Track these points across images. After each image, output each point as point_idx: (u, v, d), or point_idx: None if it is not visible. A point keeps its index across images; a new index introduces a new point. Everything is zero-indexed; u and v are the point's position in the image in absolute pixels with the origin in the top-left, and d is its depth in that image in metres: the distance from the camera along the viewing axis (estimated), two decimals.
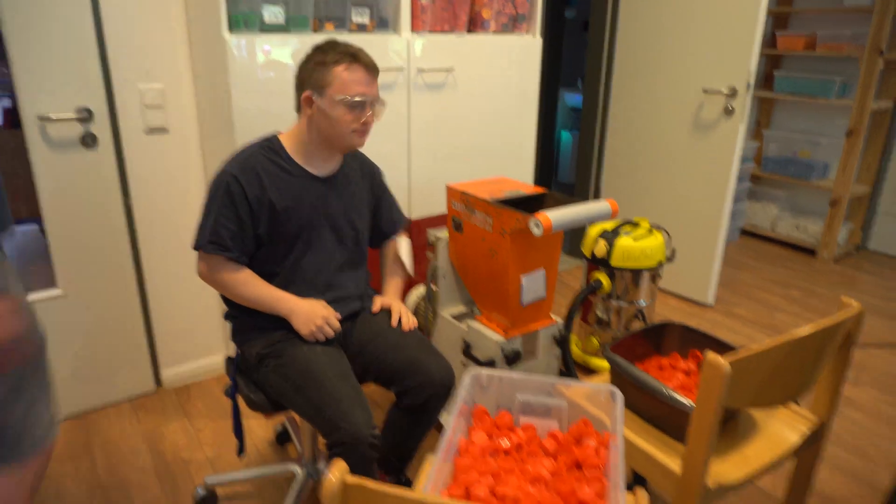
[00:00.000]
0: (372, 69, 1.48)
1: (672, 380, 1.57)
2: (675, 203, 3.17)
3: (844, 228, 3.78)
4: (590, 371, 2.50)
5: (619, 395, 1.08)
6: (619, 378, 1.54)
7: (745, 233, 4.24)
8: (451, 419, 1.03)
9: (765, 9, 2.71)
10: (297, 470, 1.80)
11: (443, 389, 1.50)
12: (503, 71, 2.40)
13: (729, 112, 2.88)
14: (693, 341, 1.66)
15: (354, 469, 1.31)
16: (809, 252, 3.89)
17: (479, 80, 2.34)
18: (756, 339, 2.80)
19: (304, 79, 1.47)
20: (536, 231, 1.60)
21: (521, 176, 2.61)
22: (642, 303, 2.38)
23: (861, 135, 3.53)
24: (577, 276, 3.53)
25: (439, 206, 2.37)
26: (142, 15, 1.99)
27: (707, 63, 2.93)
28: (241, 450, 1.68)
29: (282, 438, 2.09)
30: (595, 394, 1.11)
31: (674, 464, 1.30)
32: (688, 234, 3.13)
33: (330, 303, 1.56)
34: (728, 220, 3.00)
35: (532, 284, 1.83)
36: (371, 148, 2.12)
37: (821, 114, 3.92)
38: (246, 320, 1.55)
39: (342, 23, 2.00)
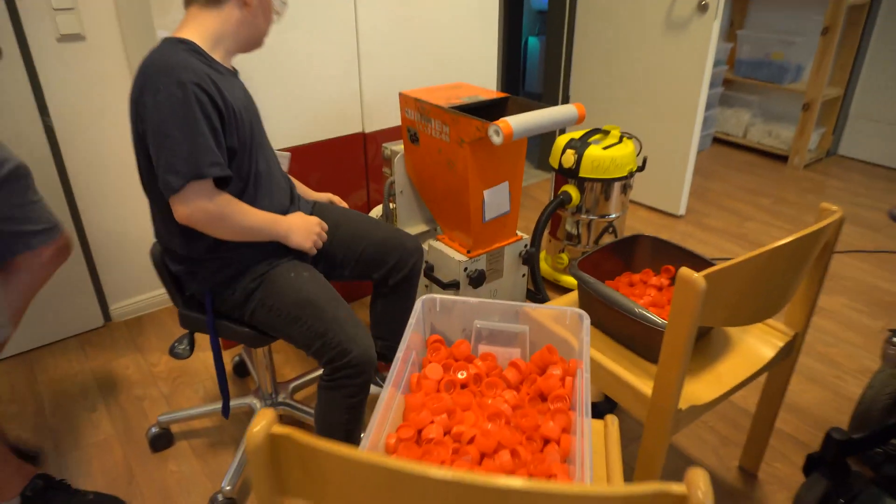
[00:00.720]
0: None
1: (644, 297, 1.49)
2: (646, 110, 3.03)
3: (816, 133, 3.70)
4: (560, 289, 2.43)
5: (586, 318, 0.98)
6: (588, 297, 1.45)
7: (717, 140, 4.14)
8: (401, 351, 0.93)
9: None
10: (256, 403, 1.72)
11: (420, 256, 1.56)
12: None
13: (703, 8, 2.69)
14: (665, 255, 1.57)
15: (357, 391, 1.30)
16: (781, 159, 3.81)
17: None
18: (727, 249, 2.76)
19: None
20: (496, 139, 1.45)
21: (483, 84, 2.42)
22: (613, 215, 2.28)
23: (837, 32, 3.37)
24: (546, 190, 3.41)
25: (395, 118, 2.19)
26: None
27: None
28: (226, 410, 1.54)
29: (240, 370, 2.00)
30: (560, 316, 1.01)
31: (645, 386, 1.23)
32: (659, 143, 3.01)
33: (292, 208, 1.46)
34: (700, 127, 2.88)
35: (495, 199, 1.70)
36: (316, 56, 1.91)
37: (796, 10, 3.73)
38: (215, 264, 1.36)
39: None
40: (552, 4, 3.28)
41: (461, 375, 0.98)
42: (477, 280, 1.70)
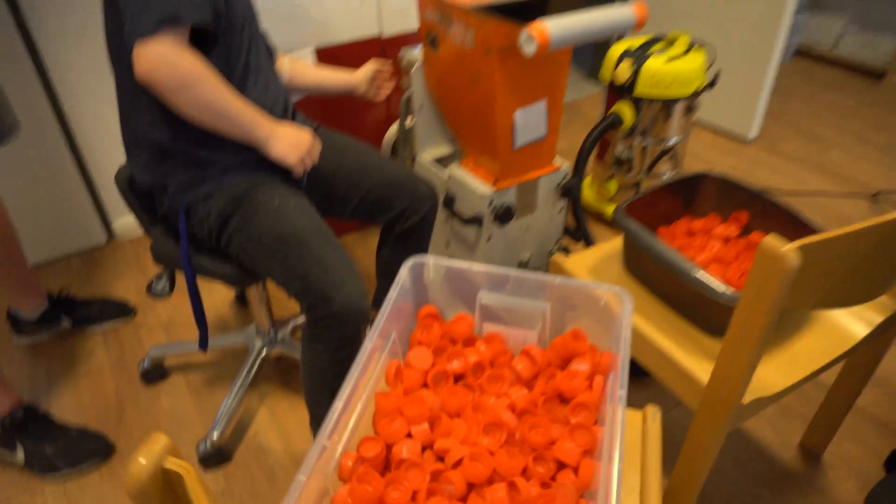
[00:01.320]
0: None
1: (705, 250, 1.21)
2: (717, 10, 2.57)
3: None
4: (606, 222, 2.15)
5: (629, 300, 0.73)
6: (634, 250, 1.18)
7: (800, 53, 3.60)
8: (374, 330, 0.70)
9: None
10: (255, 341, 1.55)
11: (434, 203, 1.36)
12: None
13: None
14: (737, 198, 1.27)
15: (342, 345, 1.10)
16: (876, 76, 3.29)
17: None
18: (803, 180, 2.39)
19: None
20: (528, 49, 1.15)
21: None
22: (673, 140, 1.95)
23: None
24: (597, 105, 3.03)
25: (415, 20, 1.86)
26: None
27: None
28: (203, 343, 1.34)
29: (243, 298, 1.84)
30: (593, 293, 0.76)
31: (699, 369, 0.98)
32: (732, 52, 2.57)
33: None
34: (786, 34, 2.43)
35: (529, 120, 1.41)
36: None
37: None
38: (188, 173, 1.13)
39: None
40: None
41: (454, 366, 0.75)
42: (503, 217, 1.45)
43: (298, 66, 1.42)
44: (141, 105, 1.08)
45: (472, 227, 1.50)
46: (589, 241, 1.77)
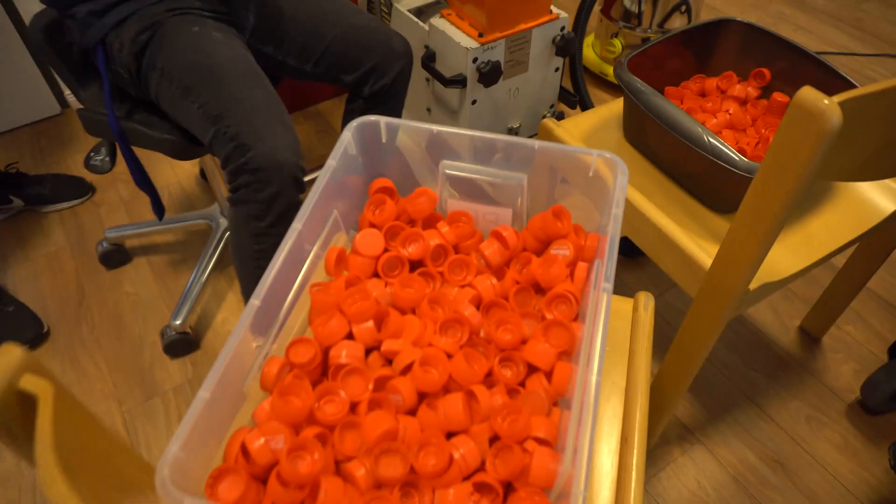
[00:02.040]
0: None
1: (718, 114, 1.05)
2: None
3: None
4: (609, 86, 1.94)
5: (623, 169, 0.59)
6: (635, 112, 1.02)
7: None
8: (307, 206, 0.57)
9: None
10: (218, 217, 1.43)
11: (409, 59, 1.16)
12: None
13: None
14: (761, 51, 1.08)
15: (263, 212, 0.92)
16: None
17: None
18: (833, 39, 2.14)
19: None
20: None
21: None
22: None
23: None
24: None
25: None
26: None
27: None
28: (157, 209, 1.17)
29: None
30: (580, 161, 0.62)
31: (701, 252, 0.86)
32: None
33: None
34: None
35: None
36: None
37: None
38: None
39: None
40: None
41: (411, 250, 0.63)
42: (489, 75, 1.26)
43: None
44: None
45: (454, 88, 1.32)
46: (587, 106, 1.59)
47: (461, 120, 1.37)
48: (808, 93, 0.59)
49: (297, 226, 0.55)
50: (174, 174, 1.69)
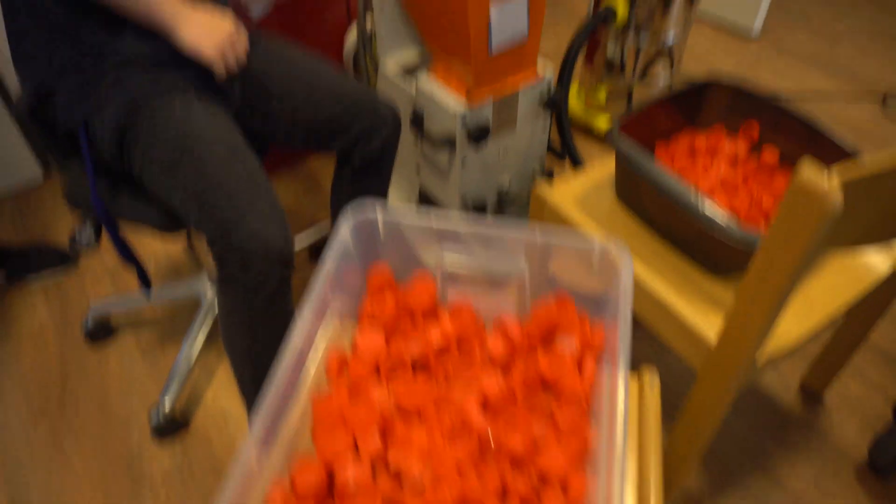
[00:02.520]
0: None
1: (710, 172, 1.04)
2: None
3: None
4: (594, 137, 1.95)
5: (628, 260, 0.57)
6: (628, 177, 1.02)
7: None
8: (308, 300, 0.54)
9: None
10: (206, 289, 1.40)
11: (397, 125, 1.15)
12: None
13: None
14: (747, 108, 1.09)
15: (249, 299, 0.89)
16: None
17: None
18: (811, 81, 2.18)
19: None
20: None
21: None
22: (671, 39, 1.72)
23: None
24: None
25: None
26: None
27: None
28: (144, 282, 1.15)
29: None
30: (583, 248, 0.60)
31: (705, 322, 0.84)
32: None
33: None
34: None
35: (506, 18, 1.19)
36: None
37: None
38: (74, 56, 0.90)
39: None
40: None
41: (413, 349, 0.60)
42: (479, 137, 1.26)
43: None
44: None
45: (443, 149, 1.31)
46: (577, 162, 1.59)
47: (451, 180, 1.36)
48: (808, 173, 0.59)
49: (301, 324, 0.53)
50: (160, 242, 1.66)
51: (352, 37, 1.55)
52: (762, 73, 2.22)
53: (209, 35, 0.90)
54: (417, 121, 1.34)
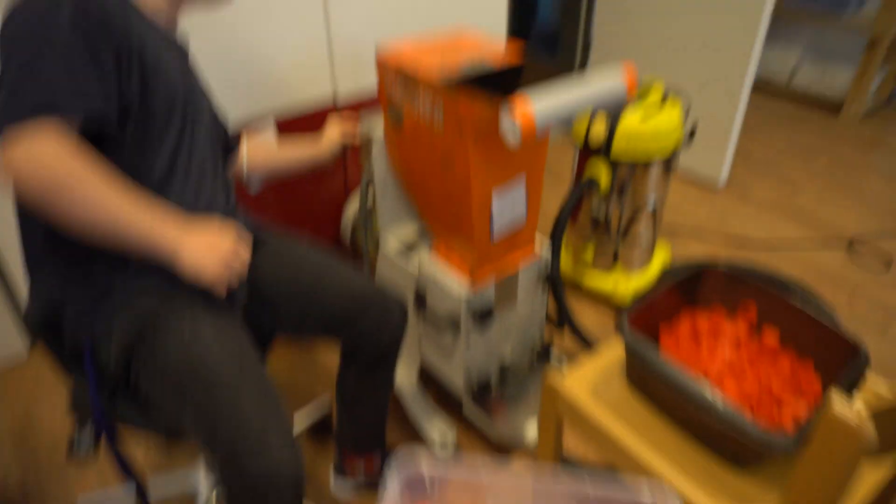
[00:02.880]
0: None
1: (716, 354, 1.06)
2: (685, 55, 2.50)
3: (877, 77, 3.15)
4: (583, 294, 1.99)
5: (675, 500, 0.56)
6: (640, 369, 1.03)
7: (757, 88, 3.58)
8: None
9: None
10: (201, 481, 1.32)
11: (403, 321, 1.16)
12: None
13: None
14: (742, 290, 1.13)
15: None
16: (833, 110, 3.28)
17: None
18: (779, 229, 2.30)
19: None
20: (511, 138, 0.99)
21: (490, 26, 1.90)
22: (651, 204, 1.82)
23: None
24: (567, 161, 2.91)
25: (374, 76, 1.69)
26: None
27: None
28: (142, 497, 1.11)
29: None
30: (632, 500, 0.59)
31: None
32: (698, 94, 2.49)
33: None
34: (752, 78, 2.36)
35: (506, 206, 1.24)
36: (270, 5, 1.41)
37: None
38: (81, 285, 0.92)
39: None
40: None
41: None
42: (484, 318, 1.27)
43: (258, 150, 1.26)
44: (25, 210, 0.90)
45: (447, 330, 1.32)
46: (575, 331, 1.62)
47: (455, 358, 1.36)
48: (838, 407, 0.60)
49: None
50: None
51: (350, 211, 1.60)
52: (732, 222, 2.35)
53: (209, 258, 0.88)
54: (420, 300, 1.36)
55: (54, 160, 0.76)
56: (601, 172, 1.72)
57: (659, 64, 2.58)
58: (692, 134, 1.78)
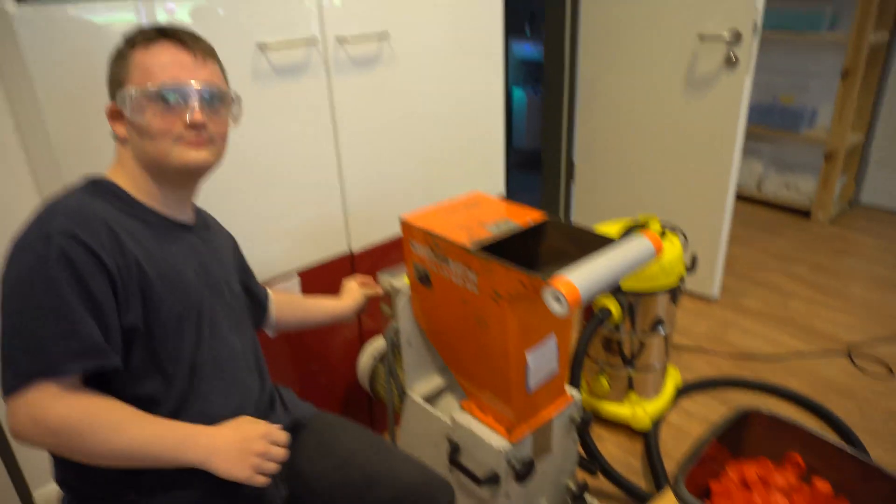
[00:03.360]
0: (190, 44, 0.93)
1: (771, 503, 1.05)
2: (666, 176, 2.64)
3: (838, 183, 3.36)
4: (600, 420, 1.98)
5: None
6: None
7: None
8: None
9: None
10: None
11: None
12: (454, 31, 1.74)
13: (732, 63, 2.32)
14: (786, 437, 1.14)
15: None
16: (802, 213, 3.46)
17: (424, 47, 1.68)
18: (779, 341, 2.35)
19: (109, 91, 0.96)
20: (558, 308, 1.01)
21: (490, 167, 1.99)
22: (661, 330, 1.85)
23: (858, 75, 3.06)
24: None
25: (385, 230, 1.74)
26: None
27: (701, 0, 2.35)
28: None
29: None
30: None
31: None
32: (684, 216, 2.61)
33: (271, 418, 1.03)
34: (734, 196, 2.49)
35: (541, 361, 1.25)
36: (285, 158, 1.46)
37: (807, 51, 3.42)
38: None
39: None
40: (549, 56, 2.89)
41: None
42: (524, 473, 1.24)
43: (284, 306, 1.31)
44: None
45: (485, 485, 1.28)
46: (605, 469, 1.60)
47: None
48: None
49: None
50: None
51: (365, 357, 1.59)
52: (733, 336, 2.39)
53: (240, 457, 0.87)
54: (455, 454, 1.33)
55: (59, 420, 0.78)
56: (612, 303, 1.76)
57: (640, 187, 2.72)
58: (693, 265, 1.85)
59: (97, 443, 0.79)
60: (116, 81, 0.93)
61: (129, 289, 0.85)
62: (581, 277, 1.01)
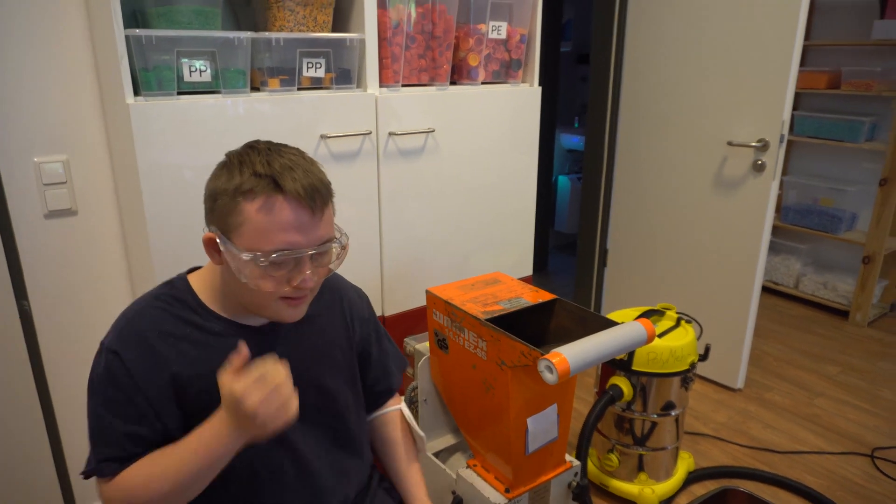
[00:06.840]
0: (308, 200, 0.87)
1: None
2: (694, 269, 2.75)
3: (878, 287, 3.38)
4: (609, 496, 2.04)
5: None
6: None
7: (765, 289, 3.82)
8: None
9: (800, 47, 2.31)
10: None
11: None
12: (496, 128, 1.98)
13: (759, 167, 2.47)
14: None
15: None
16: (840, 313, 3.47)
17: (466, 141, 1.91)
18: (801, 438, 2.37)
19: (207, 206, 0.93)
20: (549, 377, 1.16)
21: (520, 250, 2.17)
22: (672, 412, 1.94)
23: None
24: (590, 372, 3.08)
25: (417, 299, 1.93)
26: (38, 71, 1.55)
27: (731, 111, 2.53)
28: None
29: None
30: None
31: None
32: (711, 308, 2.71)
33: None
34: (759, 293, 2.58)
35: (540, 427, 1.38)
36: None
37: (846, 158, 3.53)
38: None
39: (291, 78, 1.57)
40: (589, 147, 3.11)
41: None
42: None
43: (392, 433, 1.30)
44: None
45: None
46: None
47: None
48: None
49: None
50: None
51: None
52: (753, 428, 2.42)
53: (266, 409, 0.82)
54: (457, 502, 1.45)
55: (118, 495, 0.91)
56: (623, 382, 1.87)
57: (667, 276, 2.84)
58: (706, 354, 1.95)
59: (160, 486, 0.87)
60: (221, 219, 0.89)
61: (163, 402, 0.92)
62: (573, 352, 1.17)
